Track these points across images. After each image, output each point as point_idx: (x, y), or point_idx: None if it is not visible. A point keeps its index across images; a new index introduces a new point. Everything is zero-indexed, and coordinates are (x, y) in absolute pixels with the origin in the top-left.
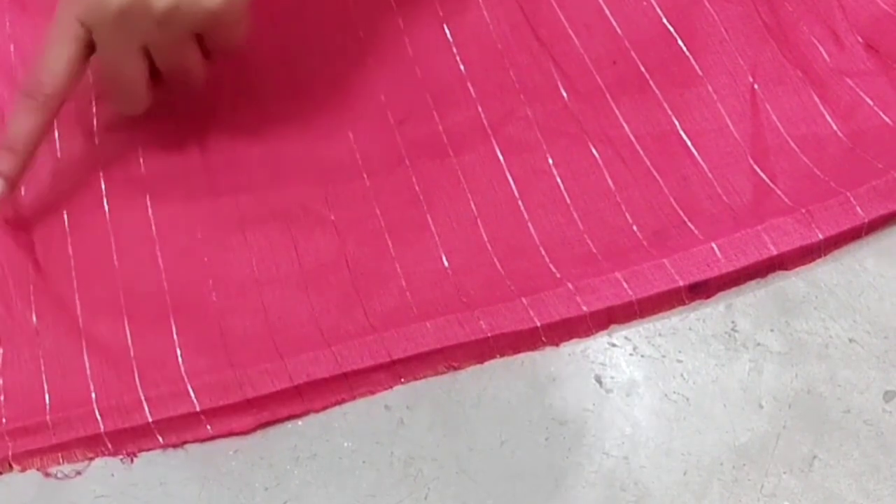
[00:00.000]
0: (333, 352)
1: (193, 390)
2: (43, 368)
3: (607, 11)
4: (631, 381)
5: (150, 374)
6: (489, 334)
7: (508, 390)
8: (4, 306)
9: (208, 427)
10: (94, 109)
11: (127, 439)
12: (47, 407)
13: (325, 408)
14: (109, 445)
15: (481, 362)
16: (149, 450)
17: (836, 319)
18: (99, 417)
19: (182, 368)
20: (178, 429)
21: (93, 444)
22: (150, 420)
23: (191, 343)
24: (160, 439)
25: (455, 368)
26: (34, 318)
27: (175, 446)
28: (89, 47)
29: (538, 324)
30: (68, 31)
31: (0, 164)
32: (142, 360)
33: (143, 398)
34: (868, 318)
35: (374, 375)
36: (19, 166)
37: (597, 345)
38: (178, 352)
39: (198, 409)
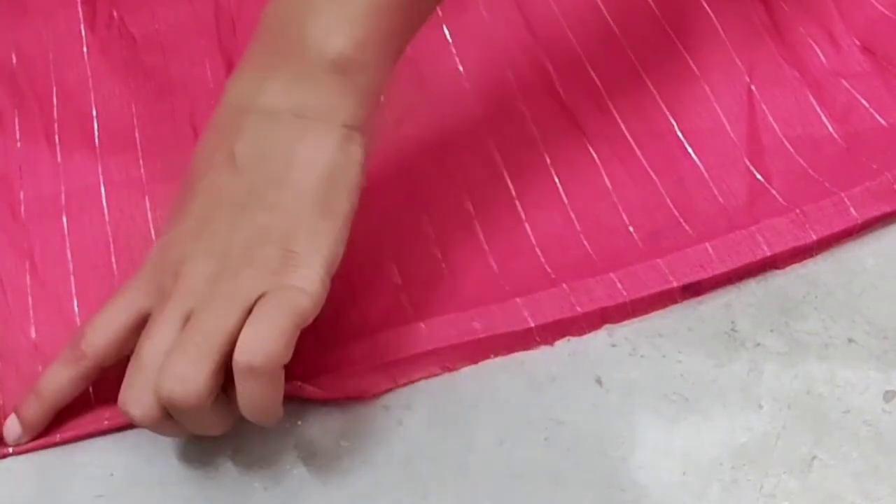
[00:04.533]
0: (327, 354)
1: None
2: None
3: (604, 10)
4: (630, 381)
5: None
6: (482, 335)
7: (508, 390)
8: (2, 321)
9: None
10: (94, 112)
11: None
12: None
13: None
14: None
15: (475, 363)
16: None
17: (836, 319)
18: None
19: None
20: None
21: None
22: None
23: None
24: None
25: (448, 369)
26: (33, 333)
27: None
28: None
29: (532, 324)
30: (134, 299)
31: (25, 409)
32: None
33: None
34: (868, 319)
35: (369, 377)
36: (42, 415)
37: (596, 345)
38: None
39: None
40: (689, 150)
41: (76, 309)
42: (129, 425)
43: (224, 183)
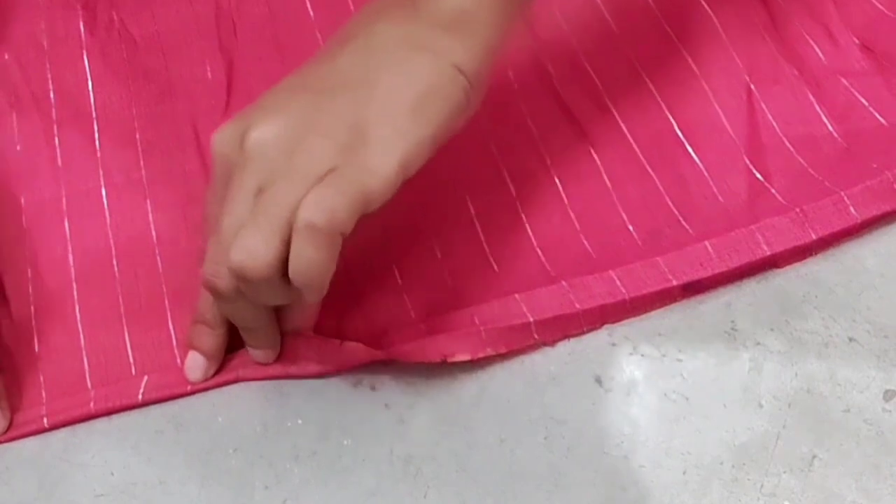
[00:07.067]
0: (330, 348)
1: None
2: (44, 396)
3: (604, 10)
4: (631, 380)
5: (151, 379)
6: (482, 328)
7: (508, 389)
8: (5, 331)
9: None
10: (94, 115)
11: None
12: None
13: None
14: None
15: (473, 356)
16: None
17: (836, 318)
18: None
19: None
20: None
21: None
22: None
23: None
24: None
25: (447, 359)
26: (36, 343)
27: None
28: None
29: (531, 319)
30: (247, 191)
31: (199, 342)
32: (142, 366)
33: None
34: (868, 318)
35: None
36: (220, 343)
37: (597, 344)
38: (178, 356)
39: None
40: (689, 148)
41: (78, 315)
42: (115, 409)
43: (320, 71)
